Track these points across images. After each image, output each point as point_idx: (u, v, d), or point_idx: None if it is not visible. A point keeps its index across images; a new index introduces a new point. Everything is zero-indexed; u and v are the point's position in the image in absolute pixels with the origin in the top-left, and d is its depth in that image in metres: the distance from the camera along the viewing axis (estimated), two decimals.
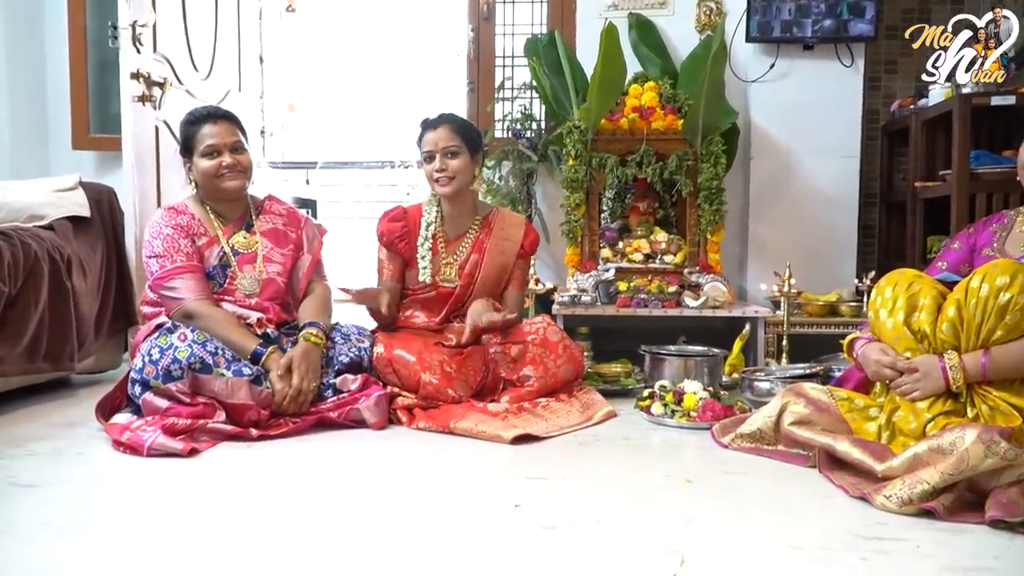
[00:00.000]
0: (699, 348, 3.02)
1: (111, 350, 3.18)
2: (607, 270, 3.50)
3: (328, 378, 2.44)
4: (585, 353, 3.10)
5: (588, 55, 3.67)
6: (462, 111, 4.20)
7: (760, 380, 2.69)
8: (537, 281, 3.30)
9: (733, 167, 3.83)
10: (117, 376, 2.80)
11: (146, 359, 2.21)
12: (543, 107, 4.11)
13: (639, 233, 3.65)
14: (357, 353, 2.53)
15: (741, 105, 3.92)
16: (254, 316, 2.49)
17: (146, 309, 2.58)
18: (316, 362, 2.41)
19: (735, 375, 3.01)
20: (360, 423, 2.37)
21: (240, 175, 2.56)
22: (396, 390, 2.50)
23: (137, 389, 2.23)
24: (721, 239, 3.55)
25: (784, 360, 3.15)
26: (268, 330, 2.48)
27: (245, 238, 2.61)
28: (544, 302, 3.50)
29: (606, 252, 3.62)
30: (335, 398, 2.40)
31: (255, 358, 2.34)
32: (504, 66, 4.24)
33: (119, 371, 3.13)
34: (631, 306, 3.37)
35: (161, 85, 3.40)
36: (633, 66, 3.78)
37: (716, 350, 2.96)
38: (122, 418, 2.24)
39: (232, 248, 2.58)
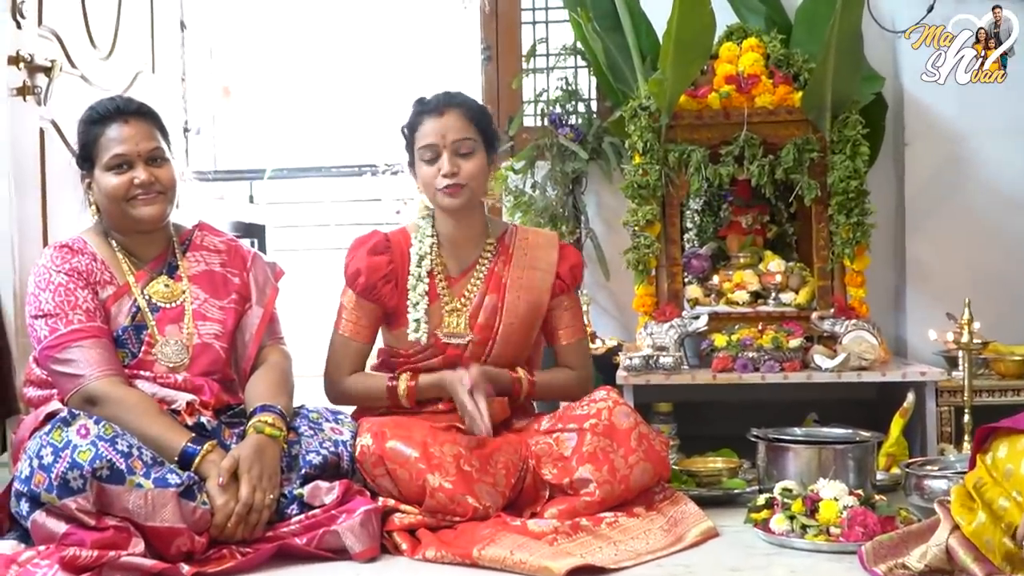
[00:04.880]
0: (839, 431, 3.01)
1: None
2: (696, 317, 3.51)
3: (292, 487, 2.46)
4: (670, 443, 3.10)
5: (659, 3, 3.70)
6: (475, 90, 4.25)
7: (933, 477, 2.68)
8: (593, 336, 3.32)
9: (879, 159, 3.84)
10: None
11: (34, 464, 2.24)
12: (593, 81, 4.16)
13: (742, 261, 3.66)
14: (333, 449, 2.56)
15: (888, 67, 3.93)
16: (182, 399, 2.53)
17: (31, 392, 2.63)
18: (274, 464, 2.44)
19: (895, 470, 2.99)
20: (340, 552, 2.38)
21: (159, 197, 2.62)
22: (391, 502, 2.53)
23: (23, 506, 2.27)
24: (866, 267, 3.55)
25: (967, 445, 3.13)
26: (203, 419, 2.52)
27: (167, 287, 2.67)
28: (604, 367, 3.51)
29: (694, 290, 3.64)
30: (302, 516, 2.42)
31: (185, 460, 2.38)
32: (535, 22, 4.29)
33: None
34: (734, 370, 3.37)
35: (48, 71, 3.50)
36: (726, 16, 3.80)
37: (866, 433, 2.95)
38: (6, 547, 2.29)
39: (149, 301, 2.63)
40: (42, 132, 3.51)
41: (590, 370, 3.04)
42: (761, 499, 2.65)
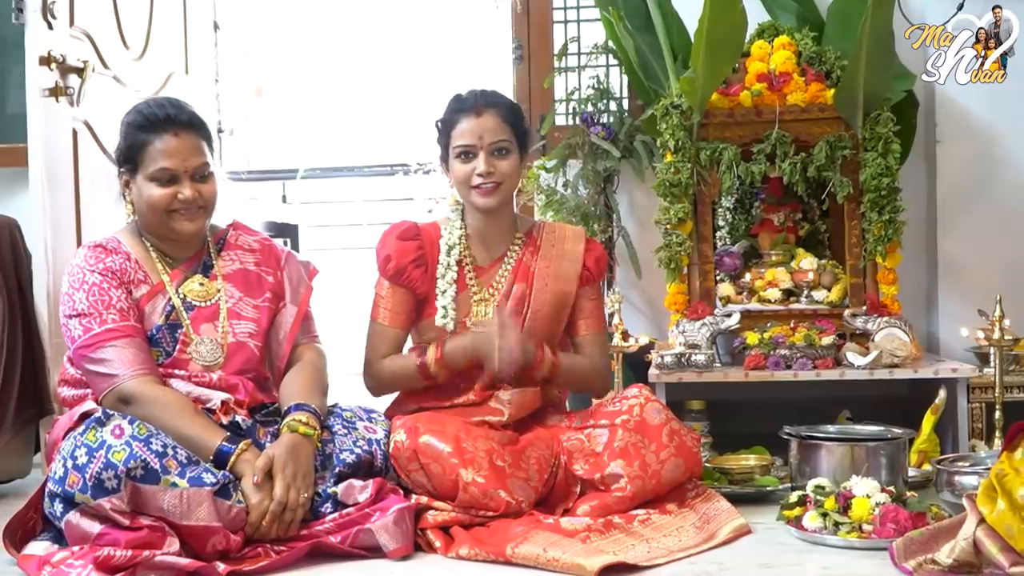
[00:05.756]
0: (872, 428, 3.00)
1: (16, 450, 3.26)
2: (728, 315, 3.50)
3: (326, 485, 2.47)
4: (702, 440, 3.09)
5: (690, 1, 3.69)
6: (507, 89, 4.24)
7: (965, 473, 2.66)
8: (625, 334, 3.32)
9: (911, 157, 3.82)
10: (28, 488, 2.86)
11: (68, 464, 2.26)
12: (625, 79, 4.15)
13: (774, 259, 3.65)
14: (367, 447, 2.56)
15: (919, 65, 3.89)
16: (217, 398, 2.54)
17: (65, 392, 2.65)
18: (308, 463, 2.45)
19: (927, 466, 2.98)
20: (374, 550, 2.39)
21: (199, 212, 2.62)
22: (424, 499, 2.53)
23: (57, 507, 2.29)
24: (898, 264, 3.53)
25: (998, 441, 3.11)
26: (238, 417, 2.53)
27: (202, 285, 2.68)
28: (636, 365, 3.51)
29: (726, 288, 3.63)
30: (336, 515, 2.42)
31: (220, 459, 2.39)
32: (567, 21, 4.29)
33: (30, 480, 3.21)
34: (766, 367, 3.36)
35: (80, 71, 3.52)
36: (757, 14, 3.81)
37: (898, 430, 2.94)
38: (39, 547, 2.31)
39: (184, 300, 2.65)
40: (75, 133, 3.52)
41: (608, 364, 3.06)
42: (794, 496, 2.64)
